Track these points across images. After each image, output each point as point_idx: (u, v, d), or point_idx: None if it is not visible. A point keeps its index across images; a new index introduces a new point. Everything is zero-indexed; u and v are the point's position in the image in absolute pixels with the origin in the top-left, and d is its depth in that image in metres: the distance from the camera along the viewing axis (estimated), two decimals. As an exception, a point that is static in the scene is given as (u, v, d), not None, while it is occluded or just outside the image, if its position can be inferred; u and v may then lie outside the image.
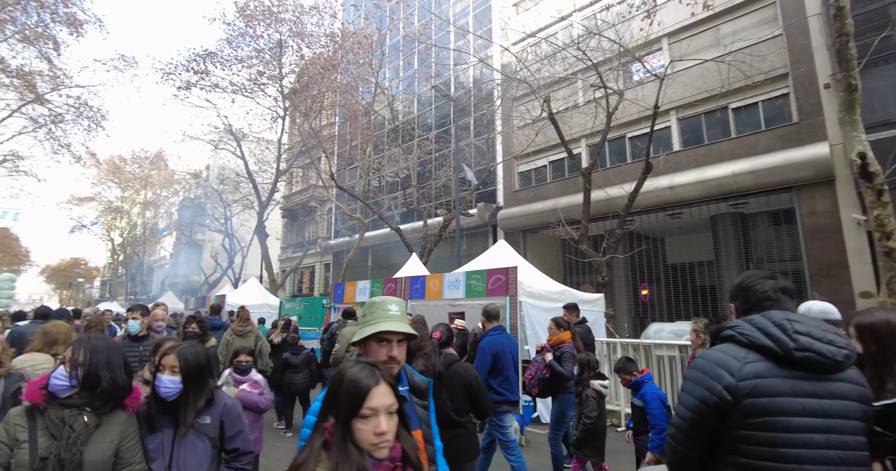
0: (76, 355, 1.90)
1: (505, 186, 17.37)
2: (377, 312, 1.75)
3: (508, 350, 4.48)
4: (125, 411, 2.00)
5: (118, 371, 1.96)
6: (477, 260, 8.47)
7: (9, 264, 57.74)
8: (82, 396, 1.87)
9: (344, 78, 17.95)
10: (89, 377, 1.87)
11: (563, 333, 5.04)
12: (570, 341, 5.01)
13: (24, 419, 1.84)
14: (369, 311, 1.77)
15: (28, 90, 23.10)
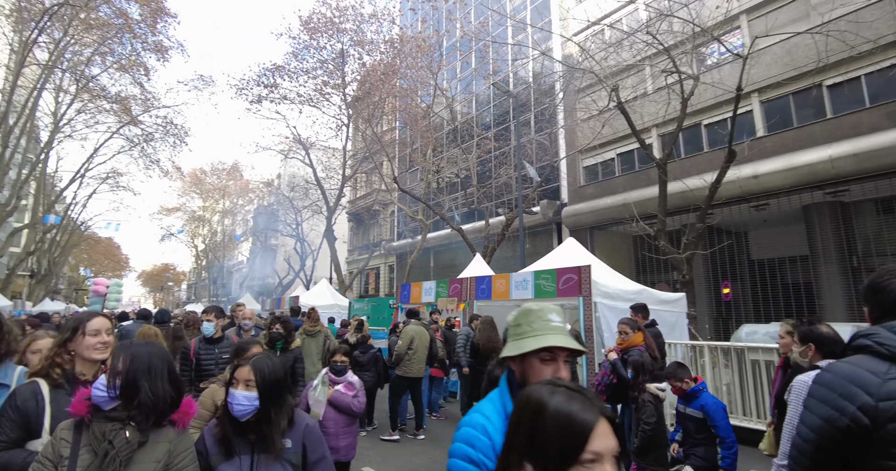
0: (115, 363, 1.69)
1: (569, 182, 16.80)
2: (536, 323, 1.44)
3: None
4: (174, 427, 1.74)
5: (160, 381, 1.70)
6: (545, 259, 8.18)
7: (112, 270, 64.67)
8: (126, 408, 1.65)
9: (403, 82, 18.25)
10: (127, 387, 1.64)
11: (635, 335, 4.72)
12: (641, 345, 4.69)
13: (70, 434, 1.66)
14: (525, 320, 1.46)
15: (124, 113, 25.71)
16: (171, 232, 47.30)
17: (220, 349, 4.19)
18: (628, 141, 15.15)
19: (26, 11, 18.52)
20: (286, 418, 1.92)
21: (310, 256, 29.57)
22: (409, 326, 6.80)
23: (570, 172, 16.77)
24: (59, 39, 20.44)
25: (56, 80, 24.39)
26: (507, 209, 17.22)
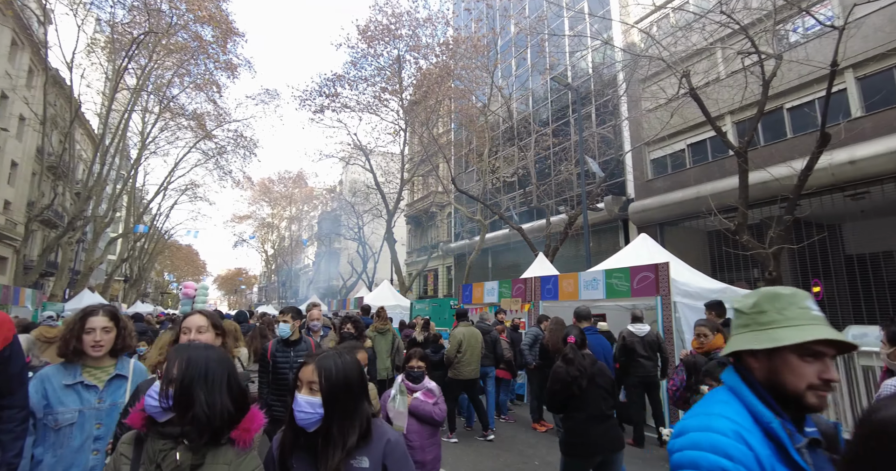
0: (170, 367, 1.46)
1: (635, 176, 16.01)
2: (790, 310, 1.15)
3: (599, 351, 4.40)
4: (235, 446, 1.46)
5: (219, 392, 1.44)
6: (616, 257, 7.78)
7: (192, 275, 70.05)
8: (179, 423, 1.42)
9: (458, 84, 18.25)
10: (181, 397, 1.41)
11: (716, 337, 4.23)
12: (723, 347, 4.28)
13: (131, 448, 1.48)
14: (773, 306, 1.16)
15: (200, 129, 27.76)
16: (244, 238, 50.45)
17: (297, 353, 3.91)
18: (700, 130, 14.20)
19: (118, 42, 20.39)
20: (358, 431, 1.58)
21: (371, 259, 30.34)
22: (457, 328, 6.80)
23: (636, 165, 15.97)
24: (144, 65, 22.35)
25: (142, 103, 26.79)
26: (568, 207, 16.71)
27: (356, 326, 5.00)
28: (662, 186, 15.17)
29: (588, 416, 3.17)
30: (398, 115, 20.73)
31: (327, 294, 37.45)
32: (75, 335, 2.22)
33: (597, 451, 3.16)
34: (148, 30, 19.72)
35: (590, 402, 3.19)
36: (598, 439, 3.14)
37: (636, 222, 15.86)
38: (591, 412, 3.16)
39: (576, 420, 3.21)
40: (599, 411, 3.16)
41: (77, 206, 19.74)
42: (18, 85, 23.55)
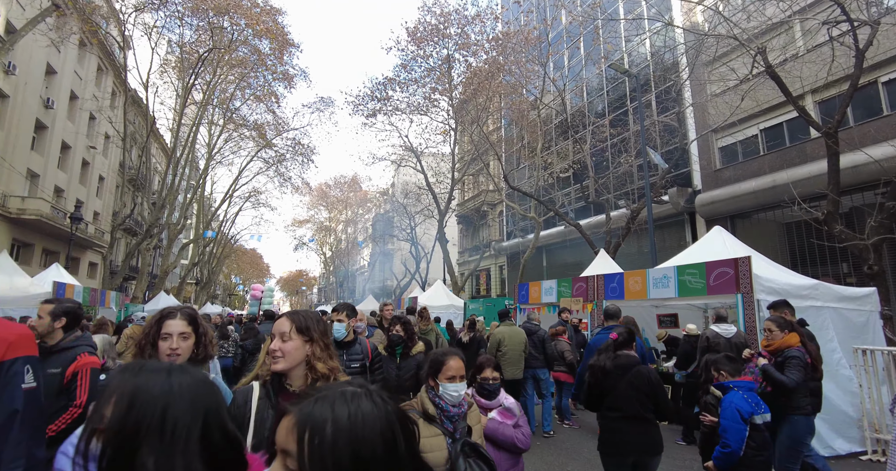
0: (100, 407, 0.87)
1: (702, 166, 14.95)
2: None
3: None
4: None
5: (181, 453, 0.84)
6: (687, 252, 7.17)
7: (256, 277, 73.95)
8: None
9: (508, 79, 17.89)
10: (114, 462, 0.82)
11: (788, 335, 3.83)
12: (798, 346, 3.80)
13: None
14: None
15: (261, 138, 29.16)
16: (304, 241, 52.52)
17: (350, 356, 3.36)
18: (775, 113, 13.02)
19: (186, 61, 21.77)
20: None
21: (424, 259, 30.55)
22: (498, 328, 6.62)
23: (702, 154, 14.91)
24: (210, 80, 23.73)
25: (209, 116, 28.54)
26: (629, 201, 15.89)
27: (405, 329, 4.50)
28: (733, 176, 14.06)
29: (623, 416, 3.17)
30: (448, 114, 20.68)
31: (382, 294, 38.15)
32: (150, 341, 1.92)
33: (628, 451, 3.15)
34: (212, 46, 20.91)
35: (624, 402, 3.17)
36: (631, 439, 3.13)
37: (704, 215, 14.81)
38: (626, 413, 3.15)
39: (609, 419, 3.25)
40: (636, 412, 3.13)
41: (153, 214, 21.27)
42: (103, 106, 25.82)
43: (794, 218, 12.56)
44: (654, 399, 3.19)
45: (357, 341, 3.53)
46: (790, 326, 3.97)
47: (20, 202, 20.66)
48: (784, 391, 3.65)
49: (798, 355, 3.71)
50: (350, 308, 3.64)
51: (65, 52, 24.28)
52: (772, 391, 3.71)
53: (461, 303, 15.31)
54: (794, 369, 3.64)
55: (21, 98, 20.96)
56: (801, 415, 3.71)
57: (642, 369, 3.26)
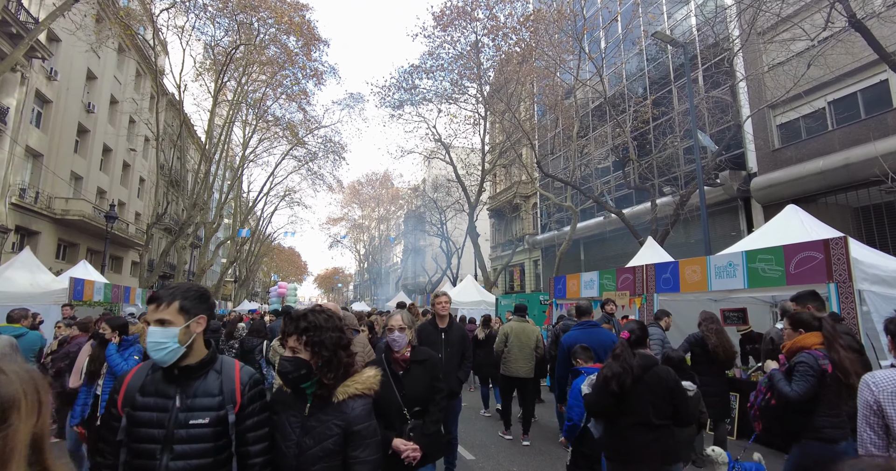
0: None
1: (758, 146, 13.52)
2: None
3: (591, 346, 4.22)
4: None
5: None
6: (757, 236, 6.11)
7: (295, 274, 75.45)
8: None
9: (541, 63, 16.88)
10: None
11: (804, 335, 2.97)
12: (815, 348, 2.88)
13: None
14: None
15: (293, 136, 29.27)
16: (338, 239, 52.97)
17: None
18: (846, 82, 11.53)
19: (218, 63, 21.88)
20: None
21: (455, 255, 29.88)
22: (506, 323, 6.53)
23: (758, 133, 13.49)
24: (239, 79, 23.82)
25: (242, 116, 28.84)
26: (675, 187, 14.63)
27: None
28: (795, 156, 12.61)
29: (633, 423, 2.86)
30: (478, 100, 19.86)
31: (414, 290, 37.78)
32: None
33: (638, 461, 2.85)
34: (238, 43, 20.91)
35: (635, 407, 2.85)
36: (641, 449, 2.82)
37: (761, 200, 13.41)
38: (637, 419, 2.85)
39: (619, 426, 2.93)
40: (647, 419, 2.83)
41: (186, 213, 21.53)
42: (142, 109, 26.47)
43: (871, 201, 11.09)
44: (671, 403, 2.86)
45: None
46: (810, 323, 3.04)
47: (64, 203, 21.35)
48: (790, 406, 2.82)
49: (807, 360, 2.81)
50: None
51: (104, 58, 24.99)
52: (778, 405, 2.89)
53: (493, 299, 14.54)
54: (801, 378, 2.78)
55: (64, 103, 21.64)
56: (816, 440, 2.82)
57: (660, 369, 2.94)
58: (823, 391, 2.75)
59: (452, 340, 4.29)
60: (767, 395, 3.01)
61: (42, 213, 19.92)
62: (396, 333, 2.79)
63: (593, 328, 4.48)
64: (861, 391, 2.12)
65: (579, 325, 4.58)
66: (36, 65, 19.50)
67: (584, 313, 4.74)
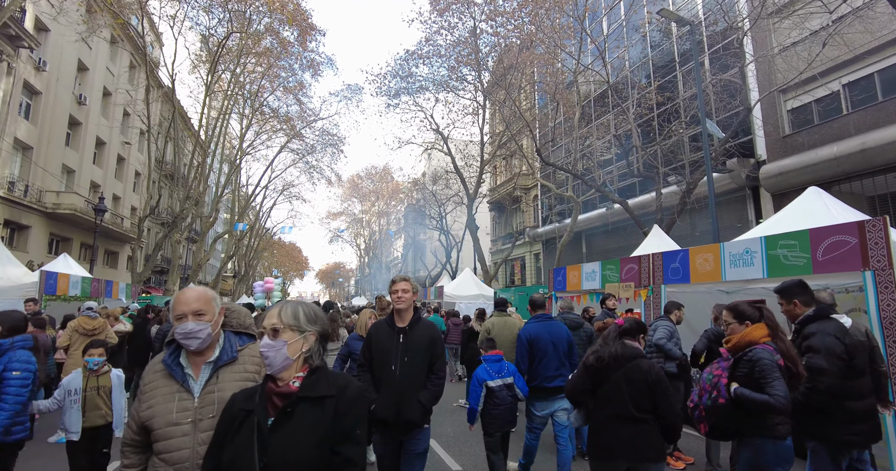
0: None
1: (767, 132, 12.96)
2: None
3: (547, 338, 4.31)
4: None
5: None
6: (776, 220, 5.59)
7: (296, 270, 75.14)
8: None
9: (541, 49, 16.28)
10: None
11: (753, 327, 2.75)
12: (765, 341, 2.69)
13: None
14: None
15: (290, 129, 28.77)
16: (337, 234, 52.58)
17: None
18: (863, 63, 10.93)
19: (213, 53, 21.34)
20: None
21: (454, 248, 29.42)
22: (489, 319, 6.30)
23: (767, 118, 12.92)
24: (234, 70, 23.26)
25: (239, 108, 28.33)
26: (679, 177, 14.08)
27: None
28: (807, 141, 12.04)
29: (611, 415, 2.74)
30: (476, 88, 19.28)
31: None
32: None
33: (615, 455, 2.72)
34: (230, 31, 20.37)
35: (615, 399, 2.74)
36: (619, 443, 2.70)
37: (770, 189, 12.87)
38: (615, 411, 2.73)
39: (597, 419, 2.84)
40: (627, 412, 2.70)
41: (180, 205, 21.09)
42: (137, 102, 25.95)
43: (889, 188, 10.55)
44: (651, 397, 2.71)
45: None
46: (753, 315, 2.80)
47: (55, 197, 20.92)
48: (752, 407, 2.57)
49: (765, 358, 2.57)
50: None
51: (96, 49, 24.46)
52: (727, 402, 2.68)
53: (491, 292, 14.07)
54: (774, 381, 2.52)
55: (54, 94, 21.14)
56: (770, 438, 2.66)
57: (642, 362, 2.81)
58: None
59: (414, 346, 3.11)
60: (714, 393, 2.79)
61: (32, 206, 19.50)
62: (267, 341, 1.49)
63: (549, 321, 4.50)
64: None
65: (535, 318, 4.55)
66: (23, 55, 18.98)
67: (539, 307, 4.74)
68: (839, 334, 2.89)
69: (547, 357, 4.21)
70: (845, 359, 2.81)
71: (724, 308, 3.03)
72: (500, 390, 4.00)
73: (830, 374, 2.78)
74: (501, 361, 4.17)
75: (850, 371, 2.83)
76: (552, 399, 4.22)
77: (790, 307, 3.17)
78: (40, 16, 20.10)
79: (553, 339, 4.26)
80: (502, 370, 4.09)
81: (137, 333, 6.54)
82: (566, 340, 4.32)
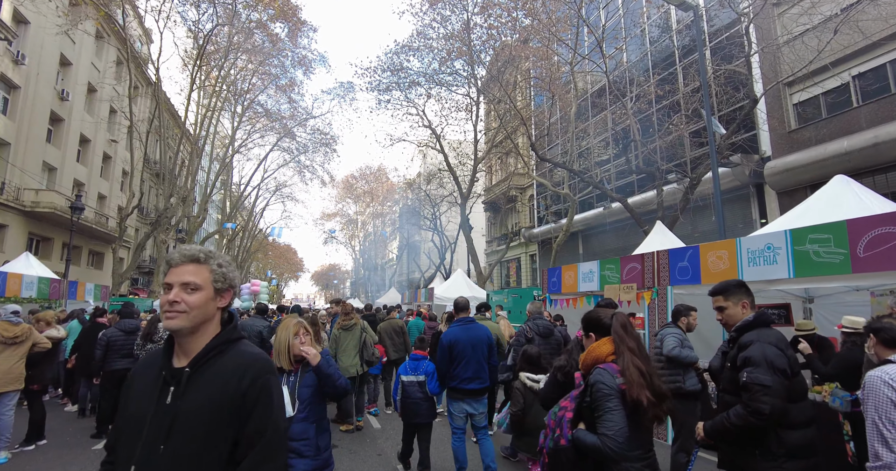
0: None
1: (772, 127, 12.41)
2: None
3: (466, 341, 4.38)
4: None
5: None
6: (800, 212, 4.97)
7: (290, 271, 74.23)
8: None
9: (538, 43, 15.70)
10: None
11: (599, 342, 2.21)
12: (612, 359, 2.10)
13: None
14: None
15: (283, 128, 28.16)
16: (330, 235, 51.88)
17: None
18: (874, 53, 10.39)
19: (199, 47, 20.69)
20: None
21: (448, 249, 28.80)
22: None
23: (772, 112, 12.36)
24: (222, 64, 22.59)
25: (230, 107, 27.67)
26: (679, 174, 13.50)
27: None
28: (814, 136, 11.49)
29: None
30: (469, 83, 18.67)
31: (408, 286, 36.74)
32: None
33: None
34: (217, 23, 19.72)
35: None
36: None
37: (776, 186, 12.31)
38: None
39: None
40: None
41: (164, 202, 20.39)
42: (123, 97, 25.21)
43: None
44: None
45: None
46: (602, 324, 2.26)
47: (34, 195, 20.17)
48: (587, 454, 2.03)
49: (602, 381, 2.01)
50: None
51: (80, 43, 23.73)
52: (568, 447, 2.10)
53: (484, 294, 13.45)
54: (605, 414, 1.97)
55: (33, 89, 20.39)
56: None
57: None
58: (632, 418, 1.98)
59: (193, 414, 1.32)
60: (557, 432, 2.20)
61: (9, 205, 18.74)
62: None
63: (470, 324, 4.58)
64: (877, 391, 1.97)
65: (458, 321, 4.64)
66: (0, 47, 18.25)
67: (462, 310, 4.86)
68: (781, 345, 2.33)
69: (465, 360, 4.30)
70: (788, 375, 2.26)
71: (585, 317, 2.40)
72: (411, 385, 4.49)
73: (776, 393, 2.19)
74: (421, 360, 4.65)
75: (790, 391, 2.27)
76: (469, 401, 4.33)
77: (736, 310, 2.53)
78: (19, 7, 19.40)
79: (472, 342, 4.35)
80: (418, 369, 4.58)
81: (85, 339, 5.89)
82: (486, 344, 4.42)
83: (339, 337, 6.12)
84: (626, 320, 2.20)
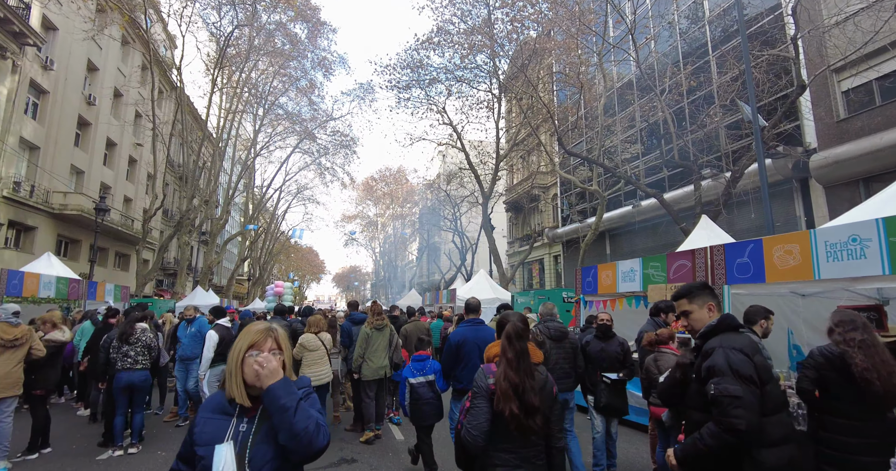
0: None
1: (818, 117, 11.59)
2: None
3: (473, 341, 4.35)
4: None
5: None
6: (886, 198, 4.36)
7: (312, 273, 74.83)
8: None
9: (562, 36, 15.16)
10: None
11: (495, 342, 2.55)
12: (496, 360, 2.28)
13: None
14: None
15: (304, 130, 28.23)
16: (351, 237, 51.99)
17: None
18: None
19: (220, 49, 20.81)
20: None
21: (469, 251, 28.32)
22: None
23: (818, 102, 11.55)
24: (242, 65, 22.70)
25: (252, 110, 27.88)
26: (715, 169, 12.76)
27: None
28: (866, 126, 10.66)
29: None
30: (491, 81, 18.23)
31: (428, 289, 36.38)
32: None
33: None
34: (237, 24, 19.78)
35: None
36: None
37: (822, 180, 11.49)
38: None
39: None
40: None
41: (186, 203, 20.50)
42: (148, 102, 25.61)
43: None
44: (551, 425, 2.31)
45: None
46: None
47: (62, 198, 20.51)
48: None
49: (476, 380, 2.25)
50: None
51: (107, 49, 24.15)
52: None
53: (508, 295, 12.94)
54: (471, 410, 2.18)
55: (62, 94, 20.77)
56: None
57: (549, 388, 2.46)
58: (497, 418, 2.09)
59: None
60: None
61: (38, 207, 19.07)
62: None
63: (478, 326, 4.56)
64: None
65: (467, 322, 4.63)
66: (29, 53, 18.59)
67: (473, 311, 4.85)
68: (748, 350, 2.03)
69: (472, 361, 4.24)
70: (756, 384, 1.96)
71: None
72: (421, 386, 4.40)
73: (749, 405, 1.91)
74: (425, 360, 4.56)
75: (763, 403, 1.97)
76: None
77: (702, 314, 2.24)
78: (48, 14, 19.78)
79: (479, 343, 4.28)
80: (425, 369, 4.50)
81: (95, 341, 5.64)
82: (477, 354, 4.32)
83: (371, 336, 5.84)
84: (516, 330, 2.21)
